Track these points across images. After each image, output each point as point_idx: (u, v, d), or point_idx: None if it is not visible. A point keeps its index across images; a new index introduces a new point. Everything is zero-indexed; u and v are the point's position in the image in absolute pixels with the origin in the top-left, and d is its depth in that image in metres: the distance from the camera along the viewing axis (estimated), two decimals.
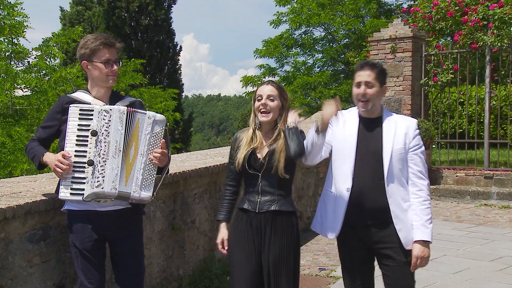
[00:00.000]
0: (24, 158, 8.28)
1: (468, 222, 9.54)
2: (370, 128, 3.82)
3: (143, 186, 3.69)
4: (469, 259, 7.10)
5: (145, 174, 3.70)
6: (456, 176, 11.78)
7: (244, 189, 3.98)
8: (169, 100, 14.90)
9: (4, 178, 5.86)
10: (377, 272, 3.91)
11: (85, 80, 4.65)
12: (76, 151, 3.65)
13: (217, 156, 7.11)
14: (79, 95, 3.89)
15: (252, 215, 3.84)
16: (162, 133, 3.73)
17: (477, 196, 11.32)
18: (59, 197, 3.71)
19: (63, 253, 4.06)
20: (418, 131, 3.82)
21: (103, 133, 3.65)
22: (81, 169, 3.64)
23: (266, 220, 3.81)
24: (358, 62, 3.96)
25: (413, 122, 3.84)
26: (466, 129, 12.74)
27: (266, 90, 3.87)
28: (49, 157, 3.73)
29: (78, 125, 3.66)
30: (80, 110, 3.68)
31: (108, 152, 3.65)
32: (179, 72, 31.07)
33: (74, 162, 3.64)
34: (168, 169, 3.93)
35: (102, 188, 3.63)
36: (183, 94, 37.71)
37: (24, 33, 10.30)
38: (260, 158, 3.83)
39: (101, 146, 3.65)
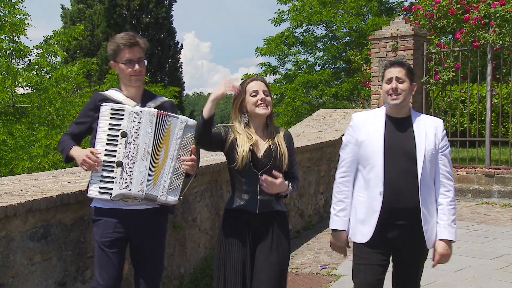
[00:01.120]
0: (25, 156, 8.28)
1: (469, 220, 9.53)
2: (399, 127, 3.80)
3: (170, 190, 3.70)
4: (470, 257, 7.10)
5: (173, 178, 3.71)
6: (458, 174, 11.77)
7: (235, 188, 3.87)
8: (170, 98, 14.90)
9: (5, 176, 5.86)
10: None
11: (86, 78, 4.65)
12: (106, 150, 3.66)
13: (218, 154, 7.10)
14: (111, 93, 3.91)
15: (251, 216, 3.80)
16: (193, 138, 3.73)
17: (478, 194, 11.31)
18: (88, 195, 3.72)
19: (65, 251, 4.06)
20: (445, 131, 3.86)
21: (132, 134, 3.65)
22: (111, 169, 3.65)
23: (265, 221, 3.80)
24: (387, 61, 3.98)
25: (440, 122, 3.86)
26: (468, 127, 12.72)
27: (261, 85, 3.85)
28: (76, 152, 3.75)
29: (109, 124, 3.67)
30: (111, 109, 3.68)
31: (137, 154, 3.66)
32: (180, 70, 31.13)
33: (104, 161, 3.65)
34: (196, 174, 3.90)
35: (129, 190, 3.64)
36: (184, 92, 37.78)
37: (25, 31, 10.31)
38: (260, 156, 3.79)
39: (130, 148, 3.65)
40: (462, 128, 15.58)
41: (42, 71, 10.56)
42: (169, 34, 30.31)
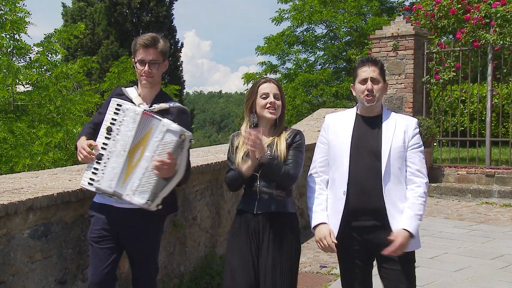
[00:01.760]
0: (25, 153, 8.29)
1: (469, 220, 9.53)
2: (368, 126, 3.75)
3: (137, 191, 3.62)
4: (470, 257, 7.10)
5: (143, 180, 3.63)
6: (458, 174, 11.78)
7: (243, 189, 3.92)
8: (171, 96, 14.87)
9: (5, 174, 5.86)
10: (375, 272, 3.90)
11: (86, 76, 4.67)
12: (103, 143, 3.70)
13: (219, 153, 7.11)
14: (129, 90, 3.95)
15: (250, 217, 3.79)
16: (174, 143, 3.60)
17: (478, 194, 11.31)
18: (80, 184, 3.81)
19: (65, 249, 4.06)
20: (417, 130, 3.76)
21: (114, 130, 3.67)
22: (99, 161, 3.69)
23: (264, 222, 3.76)
24: (359, 59, 3.93)
25: (413, 121, 3.78)
26: (468, 127, 12.73)
27: (272, 88, 3.83)
28: (79, 142, 3.80)
29: (111, 118, 3.70)
30: (117, 104, 3.71)
31: (114, 151, 3.66)
32: (180, 68, 31.11)
33: (98, 154, 3.69)
34: (181, 182, 3.81)
35: (99, 184, 3.66)
36: (184, 91, 37.81)
37: (25, 29, 10.31)
38: (258, 158, 3.79)
39: (111, 143, 3.68)
40: (463, 128, 15.57)
41: (43, 69, 10.56)
42: (169, 32, 30.29)
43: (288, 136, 3.85)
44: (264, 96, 3.81)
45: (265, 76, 3.50)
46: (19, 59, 10.84)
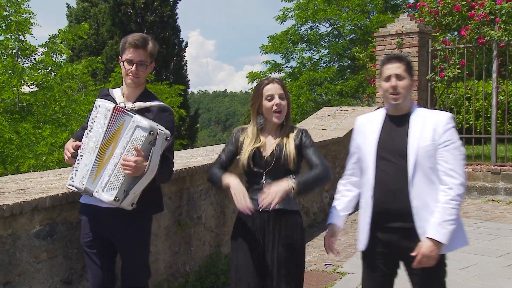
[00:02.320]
0: (31, 154, 8.31)
1: (475, 218, 9.51)
2: (396, 126, 3.60)
3: (106, 187, 3.57)
4: (476, 254, 7.08)
5: (112, 177, 3.57)
6: None
7: (246, 187, 3.86)
8: (175, 97, 14.90)
9: (11, 174, 5.88)
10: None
11: (91, 76, 4.67)
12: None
13: None
14: (114, 90, 3.94)
15: (256, 214, 3.77)
16: (143, 140, 3.54)
17: (484, 191, 11.28)
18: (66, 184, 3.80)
19: (70, 249, 4.07)
20: (450, 125, 3.50)
21: (88, 127, 3.68)
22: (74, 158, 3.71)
23: (269, 219, 3.75)
24: (384, 56, 3.80)
25: (445, 116, 3.53)
26: (473, 124, 12.69)
27: (276, 88, 3.80)
28: (66, 144, 3.80)
29: (91, 118, 3.70)
30: (98, 104, 3.72)
31: (86, 148, 3.66)
32: (185, 68, 31.10)
33: (73, 152, 3.69)
34: (155, 179, 3.68)
35: (73, 182, 3.66)
36: (189, 90, 37.77)
37: (30, 30, 10.34)
38: (265, 156, 3.77)
39: (84, 141, 3.68)
40: (468, 125, 15.53)
41: (48, 70, 10.59)
42: (174, 32, 30.28)
43: (296, 136, 3.84)
44: (269, 98, 3.79)
45: (268, 75, 3.46)
46: (24, 60, 10.88)
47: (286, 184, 3.57)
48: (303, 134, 3.86)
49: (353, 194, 3.83)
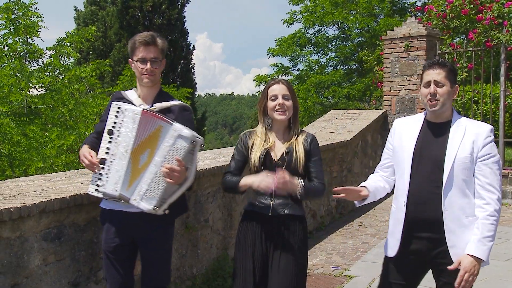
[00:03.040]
0: (38, 156, 8.33)
1: None
2: (435, 133, 3.55)
3: (145, 196, 3.57)
4: None
5: (151, 185, 3.56)
6: None
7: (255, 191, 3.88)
8: (182, 100, 14.89)
9: (19, 177, 5.90)
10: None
11: (99, 79, 4.66)
12: (106, 147, 3.67)
13: (231, 155, 7.11)
14: (128, 92, 3.90)
15: (264, 218, 3.79)
16: (185, 149, 3.53)
17: None
18: (87, 191, 3.77)
19: (78, 251, 4.08)
20: (490, 138, 3.47)
21: (115, 132, 3.63)
22: (102, 165, 3.66)
23: (278, 224, 3.75)
24: (426, 61, 3.76)
25: (486, 129, 3.49)
26: None
27: (281, 89, 3.82)
28: (82, 150, 3.76)
29: (113, 122, 3.66)
30: (117, 107, 3.68)
31: (116, 153, 3.62)
32: (192, 71, 31.16)
33: (101, 159, 3.65)
34: (191, 186, 3.75)
35: (105, 189, 3.63)
36: (196, 93, 37.82)
37: (38, 32, 10.36)
38: (275, 159, 3.78)
39: (113, 146, 3.64)
40: None
41: (55, 73, 10.61)
42: (181, 35, 30.35)
43: (305, 140, 3.84)
44: (273, 98, 3.81)
45: (276, 77, 3.47)
46: (32, 63, 10.89)
47: (297, 183, 3.63)
48: (313, 142, 3.87)
49: (383, 186, 3.80)
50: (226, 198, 6.19)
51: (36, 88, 10.16)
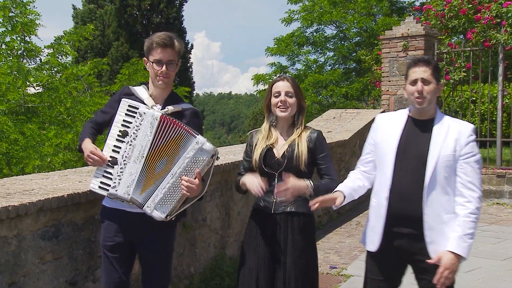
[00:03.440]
0: (36, 155, 8.32)
1: (480, 221, 9.42)
2: (418, 130, 3.57)
3: (158, 205, 3.56)
4: (481, 258, 7.06)
5: (167, 195, 3.55)
6: None
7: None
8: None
9: (16, 175, 5.90)
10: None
11: (96, 78, 4.62)
12: (114, 145, 3.63)
13: (228, 154, 7.11)
14: (138, 89, 3.85)
15: (268, 216, 3.78)
16: (203, 163, 3.53)
17: (489, 194, 11.26)
18: (89, 187, 3.73)
19: (75, 250, 4.08)
20: (472, 137, 3.49)
21: (131, 135, 3.59)
22: (112, 165, 3.61)
23: (281, 222, 3.75)
24: (411, 59, 3.75)
25: (468, 128, 3.51)
26: (479, 128, 12.67)
27: (284, 86, 3.81)
28: (86, 146, 3.69)
29: (123, 120, 3.62)
30: (128, 105, 3.63)
31: (131, 156, 3.58)
32: (190, 70, 31.20)
33: (110, 156, 3.61)
34: (202, 197, 3.74)
35: (116, 191, 3.59)
36: (194, 92, 37.84)
37: (36, 31, 10.35)
38: (277, 156, 3.77)
39: (127, 148, 3.60)
40: None
41: (53, 71, 10.60)
42: (179, 34, 30.37)
43: (308, 137, 3.82)
44: (276, 94, 3.82)
45: (282, 74, 3.48)
46: (29, 61, 10.88)
47: (305, 183, 3.63)
48: (318, 138, 3.85)
49: (363, 184, 3.78)
50: (224, 197, 6.19)
51: (33, 87, 10.14)
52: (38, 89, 10.24)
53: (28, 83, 9.72)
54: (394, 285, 3.72)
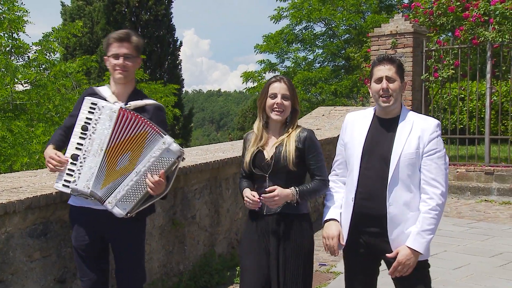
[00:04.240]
0: (24, 152, 8.28)
1: (469, 218, 9.53)
2: (384, 129, 3.58)
3: (120, 202, 3.56)
4: (470, 254, 7.10)
5: (129, 192, 3.56)
6: (457, 172, 11.77)
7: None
8: (169, 96, 14.85)
9: (4, 173, 5.86)
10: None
11: (85, 75, 4.61)
12: (78, 143, 3.62)
13: (217, 151, 7.10)
14: (102, 88, 3.87)
15: (260, 217, 3.78)
16: (170, 163, 3.57)
17: (477, 192, 11.31)
18: (54, 186, 3.72)
19: (64, 248, 4.06)
20: (436, 134, 3.49)
21: (90, 129, 3.59)
22: (74, 162, 3.61)
23: (272, 223, 3.73)
24: (376, 58, 3.77)
25: (431, 124, 3.52)
26: (467, 125, 12.72)
27: (281, 88, 3.78)
28: (46, 152, 3.71)
29: (86, 118, 3.62)
30: (91, 103, 3.64)
31: (90, 150, 3.59)
32: (179, 67, 31.07)
33: (73, 154, 3.60)
34: (166, 195, 3.75)
35: (76, 185, 3.59)
36: (183, 89, 37.73)
37: (24, 28, 10.29)
38: (267, 159, 3.75)
39: (87, 142, 3.60)
40: (462, 126, 15.54)
41: (41, 68, 10.55)
42: (168, 31, 30.24)
43: (297, 136, 3.79)
44: (272, 96, 3.78)
45: (278, 75, 3.46)
46: (17, 58, 10.82)
47: (290, 192, 3.64)
48: (307, 138, 3.81)
49: (342, 191, 3.79)
50: (213, 195, 6.18)
51: (21, 84, 10.09)
52: (26, 86, 10.18)
53: (16, 80, 9.66)
54: (371, 278, 3.74)
